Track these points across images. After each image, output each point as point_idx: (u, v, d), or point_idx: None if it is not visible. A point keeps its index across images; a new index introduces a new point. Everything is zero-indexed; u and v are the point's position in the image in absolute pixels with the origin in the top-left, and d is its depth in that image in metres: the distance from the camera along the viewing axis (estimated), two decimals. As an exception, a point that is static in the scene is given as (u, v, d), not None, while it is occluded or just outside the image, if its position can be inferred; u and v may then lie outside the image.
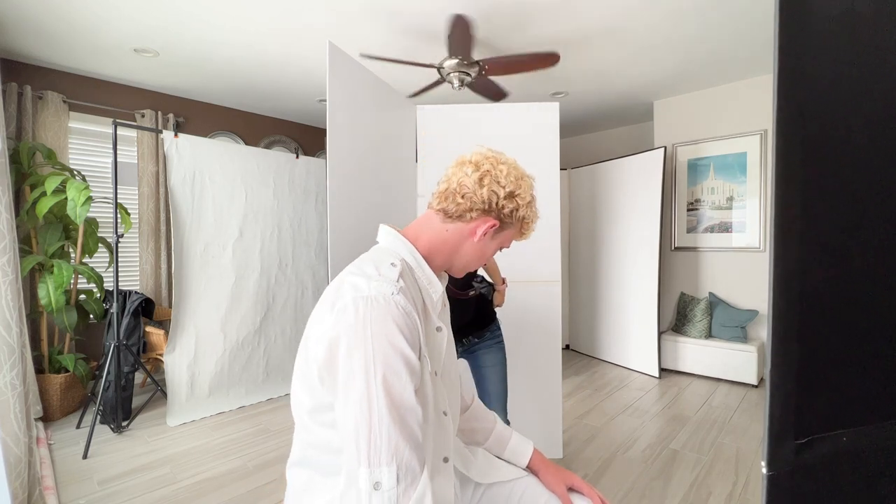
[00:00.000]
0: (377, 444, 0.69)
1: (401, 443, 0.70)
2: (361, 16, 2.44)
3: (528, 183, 0.90)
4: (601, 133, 5.03)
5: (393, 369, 0.71)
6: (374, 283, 0.75)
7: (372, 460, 0.69)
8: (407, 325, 0.74)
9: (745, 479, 2.00)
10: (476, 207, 0.87)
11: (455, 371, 1.02)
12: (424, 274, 0.88)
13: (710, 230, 3.72)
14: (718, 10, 2.41)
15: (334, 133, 1.90)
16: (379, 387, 0.70)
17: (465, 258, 0.92)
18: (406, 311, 0.75)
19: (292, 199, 3.40)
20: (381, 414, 0.69)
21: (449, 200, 0.88)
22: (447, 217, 0.89)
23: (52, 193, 2.58)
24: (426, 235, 0.90)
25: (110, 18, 2.44)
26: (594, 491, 1.05)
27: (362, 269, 0.80)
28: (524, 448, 1.12)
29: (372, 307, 0.73)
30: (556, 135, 2.62)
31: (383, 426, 0.69)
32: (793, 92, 0.47)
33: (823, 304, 0.50)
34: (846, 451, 0.52)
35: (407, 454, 0.70)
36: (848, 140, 0.50)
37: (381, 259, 0.83)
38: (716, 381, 3.40)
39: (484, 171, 0.87)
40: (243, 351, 3.07)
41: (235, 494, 1.93)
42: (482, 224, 0.88)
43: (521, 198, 0.88)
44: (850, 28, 0.50)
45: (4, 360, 1.44)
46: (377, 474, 0.68)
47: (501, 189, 0.86)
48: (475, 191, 0.86)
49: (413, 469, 0.71)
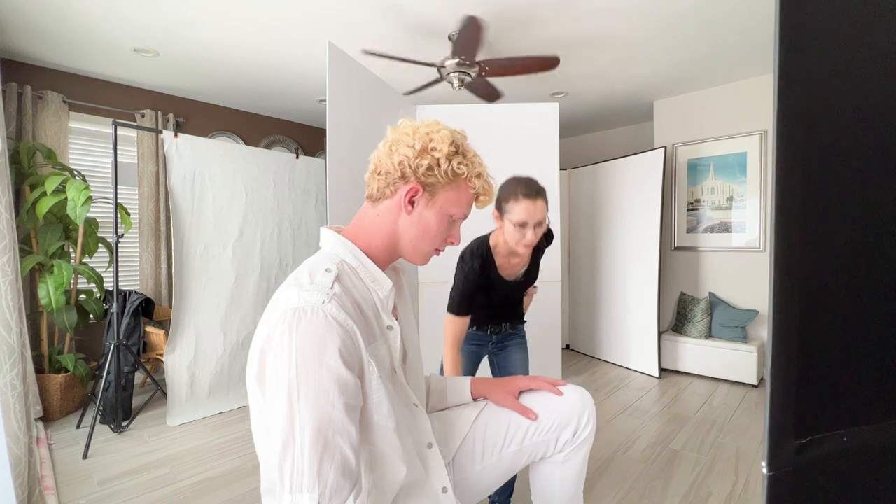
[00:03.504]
0: (299, 469, 0.63)
1: (325, 467, 0.64)
2: (362, 15, 2.44)
3: (443, 134, 0.82)
4: (601, 133, 5.03)
5: (318, 387, 0.65)
6: (304, 294, 0.70)
7: (294, 485, 0.63)
8: (339, 336, 0.69)
9: (745, 479, 2.00)
10: (392, 178, 0.82)
11: (419, 359, 1.00)
12: (369, 272, 0.83)
13: (710, 230, 3.72)
14: (718, 9, 2.41)
15: (334, 133, 1.90)
16: (301, 407, 0.64)
17: (408, 238, 0.85)
18: (338, 320, 0.69)
19: (292, 199, 3.40)
20: (304, 436, 0.64)
21: (372, 183, 0.85)
22: (374, 202, 0.86)
23: (52, 193, 2.58)
24: (363, 229, 0.86)
25: (110, 18, 2.44)
26: (541, 380, 1.08)
27: (297, 279, 0.75)
28: (460, 384, 1.12)
29: (298, 320, 0.68)
30: (556, 135, 2.63)
31: (305, 449, 0.63)
32: (793, 92, 0.47)
33: (823, 304, 0.50)
34: (846, 451, 0.52)
35: (332, 480, 0.64)
36: (848, 140, 0.50)
37: (318, 265, 0.79)
38: (716, 381, 3.40)
39: (392, 139, 0.83)
40: (243, 351, 3.07)
41: (235, 494, 1.93)
42: (404, 192, 0.82)
43: (437, 150, 0.81)
44: (851, 28, 0.50)
45: (4, 360, 1.44)
46: (298, 500, 0.62)
47: (409, 149, 0.80)
48: (387, 162, 0.82)
49: (339, 494, 0.64)
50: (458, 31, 2.31)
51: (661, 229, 3.50)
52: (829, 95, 0.49)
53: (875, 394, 0.53)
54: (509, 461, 1.06)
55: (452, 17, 2.44)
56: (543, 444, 1.06)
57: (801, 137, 0.48)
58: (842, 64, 0.49)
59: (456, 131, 0.85)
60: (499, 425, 1.06)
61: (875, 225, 0.52)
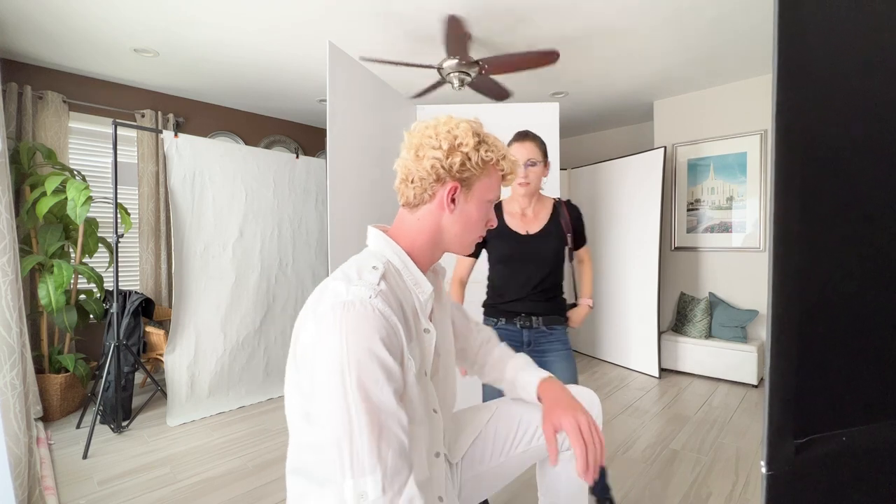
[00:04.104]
0: (359, 453, 0.66)
1: (383, 450, 0.67)
2: (362, 16, 2.44)
3: (463, 127, 0.85)
4: (601, 133, 5.03)
5: (370, 374, 0.69)
6: (353, 288, 0.74)
7: (355, 470, 0.66)
8: (385, 329, 0.72)
9: (745, 479, 2.00)
10: (428, 183, 0.84)
11: (452, 369, 1.01)
12: (411, 275, 0.86)
13: (710, 230, 3.72)
14: (718, 9, 2.41)
15: (334, 133, 1.90)
16: (356, 393, 0.68)
17: (452, 233, 0.89)
18: (384, 314, 0.73)
19: (292, 199, 3.40)
20: (360, 421, 0.67)
21: (405, 192, 0.86)
22: (412, 208, 0.87)
23: (52, 193, 2.58)
24: (405, 232, 0.89)
25: (110, 18, 2.44)
26: (583, 438, 0.88)
27: (345, 273, 0.79)
28: (527, 383, 1.05)
29: (348, 311, 0.71)
30: (556, 135, 2.63)
31: (363, 434, 0.67)
32: (791, 92, 0.47)
33: (823, 303, 0.50)
34: (845, 450, 0.52)
35: (391, 461, 0.67)
36: (846, 139, 0.50)
37: (365, 262, 0.82)
38: (716, 381, 3.40)
39: (415, 144, 0.84)
40: (243, 351, 3.07)
41: (235, 494, 1.93)
42: (444, 192, 0.85)
43: (464, 145, 0.83)
44: (849, 27, 0.50)
45: (4, 360, 1.44)
46: (361, 484, 0.66)
47: (437, 151, 0.82)
48: (417, 168, 0.83)
49: (399, 475, 0.68)
50: (444, 31, 2.31)
51: (660, 229, 3.50)
52: (828, 95, 0.49)
53: (874, 394, 0.53)
54: (517, 461, 1.07)
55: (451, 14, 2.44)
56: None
57: (800, 137, 0.48)
58: (840, 63, 0.49)
59: (472, 121, 0.87)
60: (509, 427, 1.07)
61: (874, 225, 0.52)
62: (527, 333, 1.60)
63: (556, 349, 1.59)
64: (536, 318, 1.59)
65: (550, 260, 1.60)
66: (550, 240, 1.60)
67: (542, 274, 1.59)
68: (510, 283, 1.61)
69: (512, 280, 1.61)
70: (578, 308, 1.70)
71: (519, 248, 1.60)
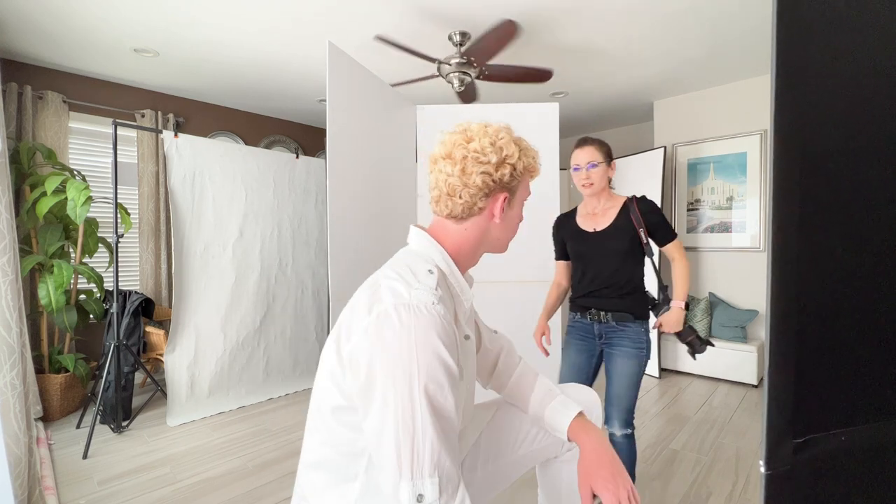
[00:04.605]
0: (420, 456, 0.68)
1: (443, 454, 0.69)
2: (362, 16, 2.44)
3: (506, 138, 0.85)
4: (601, 133, 5.03)
5: (436, 380, 0.70)
6: (414, 291, 0.74)
7: (415, 472, 0.67)
8: (448, 335, 0.73)
9: (745, 479, 2.00)
10: (478, 197, 0.83)
11: (474, 376, 1.00)
12: (457, 282, 0.86)
13: (710, 230, 3.72)
14: (718, 9, 2.41)
15: (334, 133, 1.90)
16: (423, 397, 0.69)
17: (496, 237, 0.90)
18: (447, 320, 0.73)
19: (292, 199, 3.40)
20: (426, 425, 0.68)
21: (450, 205, 0.85)
22: (460, 220, 0.86)
23: (52, 193, 2.58)
24: (451, 240, 0.88)
25: (110, 18, 2.44)
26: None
27: (400, 274, 0.78)
28: (558, 424, 0.98)
29: (415, 316, 0.71)
30: (556, 135, 2.63)
31: (427, 437, 0.68)
32: (790, 92, 0.47)
33: (821, 304, 0.51)
34: (844, 450, 0.52)
35: (448, 465, 0.69)
36: (845, 139, 0.51)
37: (418, 265, 0.81)
38: (716, 381, 3.40)
39: (460, 159, 0.83)
40: (243, 351, 3.07)
41: (235, 494, 1.93)
42: (495, 204, 0.85)
43: (510, 156, 0.84)
44: (847, 28, 0.50)
45: (4, 360, 1.44)
46: (420, 486, 0.67)
47: (488, 166, 0.82)
48: (465, 183, 0.82)
49: (453, 479, 0.70)
50: (490, 30, 2.32)
51: (660, 229, 3.50)
52: (827, 95, 0.49)
53: (872, 393, 0.53)
54: (519, 462, 1.07)
55: (454, 16, 2.44)
56: (552, 446, 1.07)
57: (799, 137, 0.48)
58: (839, 64, 0.50)
59: (506, 127, 0.88)
60: (510, 429, 1.07)
61: (872, 225, 0.52)
62: (598, 327, 1.64)
63: (623, 346, 1.57)
64: (605, 313, 1.60)
65: (617, 256, 1.59)
66: (617, 235, 1.60)
67: (610, 269, 1.60)
68: (582, 280, 1.68)
69: (583, 276, 1.67)
70: (670, 311, 1.57)
71: (586, 245, 1.66)
